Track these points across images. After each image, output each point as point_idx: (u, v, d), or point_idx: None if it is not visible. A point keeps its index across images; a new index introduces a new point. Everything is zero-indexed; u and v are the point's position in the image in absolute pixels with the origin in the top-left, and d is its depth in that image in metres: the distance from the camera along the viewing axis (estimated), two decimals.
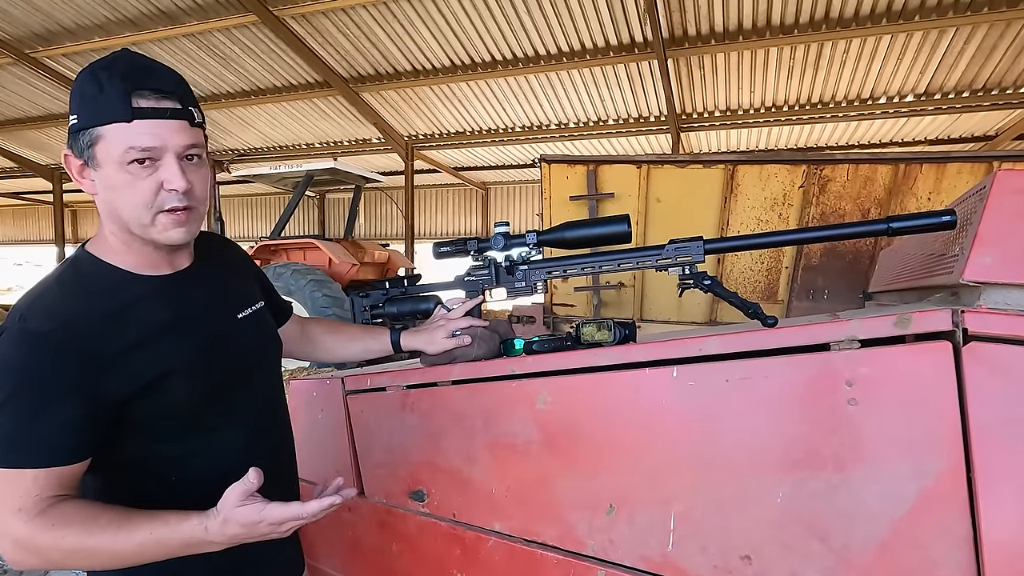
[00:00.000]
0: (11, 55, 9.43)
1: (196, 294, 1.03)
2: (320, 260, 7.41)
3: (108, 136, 0.87)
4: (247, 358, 1.09)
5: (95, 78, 0.87)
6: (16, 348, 0.84)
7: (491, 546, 1.26)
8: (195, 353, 0.98)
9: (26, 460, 0.84)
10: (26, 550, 0.85)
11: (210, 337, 1.02)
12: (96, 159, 0.88)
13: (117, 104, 0.86)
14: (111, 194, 0.90)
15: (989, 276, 0.89)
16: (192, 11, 8.29)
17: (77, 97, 0.89)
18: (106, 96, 0.86)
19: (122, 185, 0.88)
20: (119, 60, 0.90)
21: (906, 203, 4.94)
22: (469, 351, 1.31)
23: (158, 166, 0.89)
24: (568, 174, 5.71)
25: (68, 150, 0.91)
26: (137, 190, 0.88)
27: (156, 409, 0.93)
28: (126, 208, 0.90)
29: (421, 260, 12.15)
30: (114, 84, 0.86)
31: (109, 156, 0.87)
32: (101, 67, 0.88)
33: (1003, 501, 0.81)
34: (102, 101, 0.86)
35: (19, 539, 0.84)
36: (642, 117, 9.99)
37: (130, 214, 0.90)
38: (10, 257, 23.47)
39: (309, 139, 12.35)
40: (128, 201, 0.89)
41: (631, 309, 5.76)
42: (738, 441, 0.99)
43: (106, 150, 0.87)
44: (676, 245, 1.17)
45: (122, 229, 0.93)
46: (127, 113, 0.86)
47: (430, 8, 7.79)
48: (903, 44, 7.38)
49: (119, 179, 0.88)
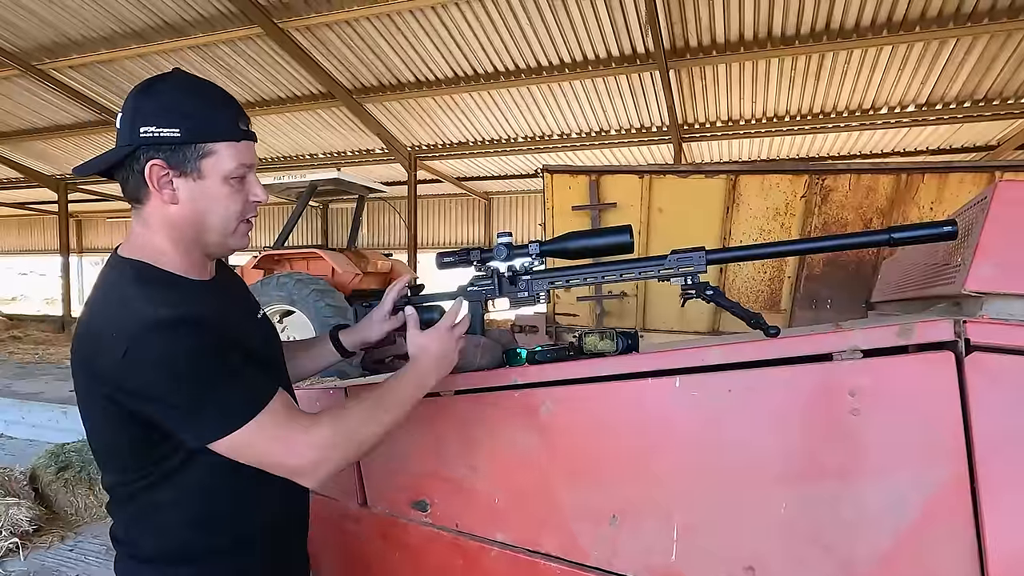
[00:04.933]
0: (18, 67, 9.52)
1: (231, 296, 1.12)
2: (323, 270, 7.41)
3: (221, 152, 0.96)
4: (273, 354, 1.17)
5: (201, 97, 0.97)
6: (178, 336, 0.88)
7: (494, 556, 1.25)
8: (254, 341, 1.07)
9: (266, 392, 0.93)
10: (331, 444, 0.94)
11: (255, 330, 1.12)
12: (201, 171, 0.95)
13: (230, 124, 0.97)
14: (205, 204, 0.98)
15: (991, 286, 0.89)
16: (197, 24, 8.37)
17: (182, 113, 0.94)
18: (219, 115, 0.97)
19: (223, 197, 0.98)
20: (206, 84, 0.99)
21: (908, 213, 4.95)
22: (472, 360, 1.31)
23: (245, 182, 1.01)
24: (570, 184, 5.73)
25: (157, 158, 0.93)
26: (233, 202, 1.00)
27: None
28: (218, 217, 0.99)
29: (424, 270, 12.14)
30: (222, 106, 0.98)
31: (216, 170, 0.96)
32: (201, 87, 0.98)
33: (1007, 511, 0.81)
34: (215, 119, 0.96)
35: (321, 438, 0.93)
36: (644, 128, 10.02)
37: (221, 223, 1.00)
38: (15, 267, 23.54)
39: (313, 150, 12.41)
40: (225, 211, 0.99)
41: (634, 319, 5.75)
42: (741, 451, 0.99)
43: (215, 164, 0.96)
44: (678, 255, 1.17)
45: (189, 237, 1.00)
46: (238, 134, 0.98)
47: (433, 20, 7.86)
48: (904, 55, 7.40)
49: (221, 191, 0.98)
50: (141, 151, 0.93)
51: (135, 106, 0.93)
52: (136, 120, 0.92)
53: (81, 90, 10.39)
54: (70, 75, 10.02)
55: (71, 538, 3.60)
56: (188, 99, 0.95)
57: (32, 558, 3.35)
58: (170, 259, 0.99)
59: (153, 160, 0.93)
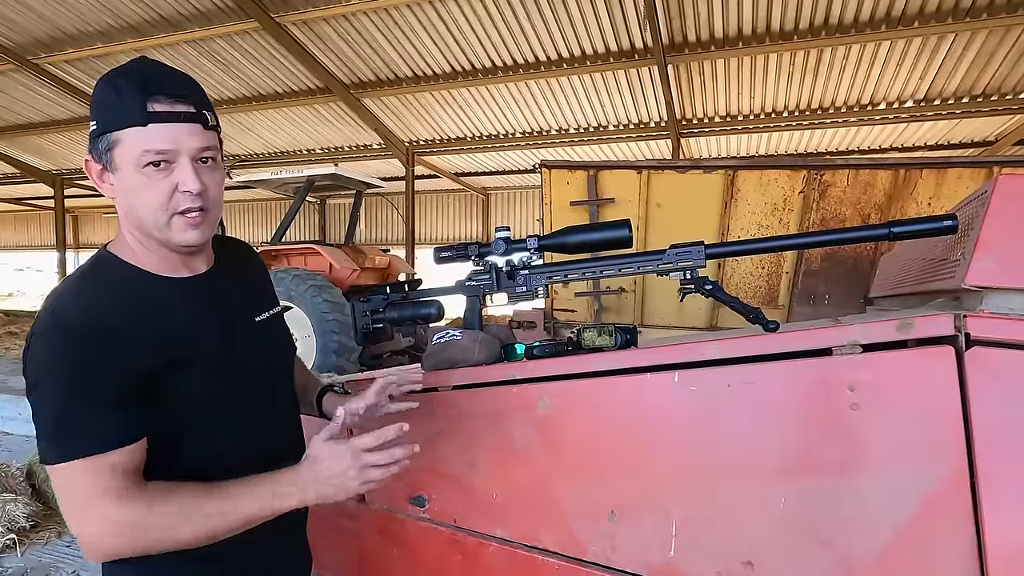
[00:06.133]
0: (14, 61, 9.45)
1: (215, 296, 1.04)
2: (321, 265, 7.39)
3: (125, 140, 0.89)
4: (266, 359, 1.11)
5: (113, 84, 0.90)
6: (57, 343, 0.86)
7: (492, 552, 1.25)
8: (214, 350, 0.99)
9: (101, 445, 0.85)
10: (126, 532, 0.85)
11: (229, 337, 1.03)
12: (114, 163, 0.91)
13: (133, 109, 0.88)
14: (129, 197, 0.92)
15: (991, 280, 0.89)
16: (194, 18, 8.32)
17: (96, 103, 0.91)
18: (123, 101, 0.89)
19: (139, 188, 0.91)
20: (135, 67, 0.92)
21: (906, 208, 4.94)
22: (470, 356, 1.30)
23: (173, 168, 0.91)
24: (569, 179, 5.71)
25: (88, 155, 0.92)
26: (153, 192, 0.91)
27: (177, 402, 0.94)
28: (143, 210, 0.92)
29: (422, 265, 12.11)
30: (131, 89, 0.89)
31: (126, 159, 0.90)
32: (119, 74, 0.91)
33: (1007, 505, 0.81)
34: (119, 106, 0.89)
35: (120, 522, 0.85)
36: (642, 123, 10.00)
37: (147, 216, 0.93)
38: (12, 262, 23.46)
39: (310, 145, 12.37)
40: (145, 203, 0.92)
41: (632, 314, 5.75)
42: (740, 446, 0.99)
43: (123, 154, 0.90)
44: (677, 250, 1.17)
45: (140, 231, 0.96)
46: (143, 117, 0.88)
47: (431, 14, 7.82)
48: (903, 50, 7.39)
49: (136, 181, 0.91)
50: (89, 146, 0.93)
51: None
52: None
53: (77, 85, 10.32)
54: (66, 70, 9.95)
55: (68, 534, 3.58)
56: (104, 88, 0.91)
57: (29, 554, 3.35)
58: (136, 253, 0.97)
59: (86, 156, 0.93)
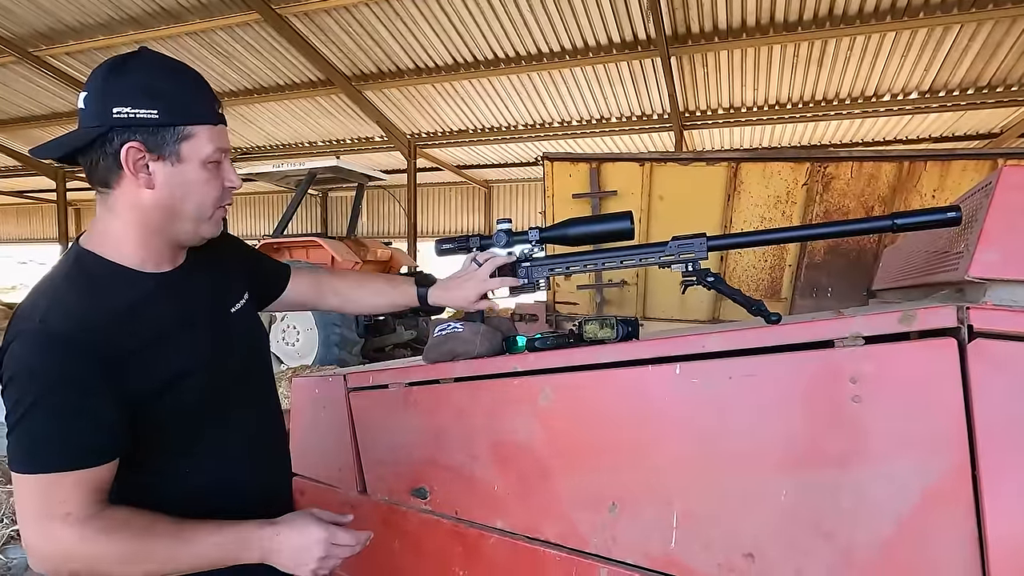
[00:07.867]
0: (15, 54, 9.46)
1: (195, 289, 1.03)
2: (323, 258, 7.39)
3: (199, 135, 0.91)
4: (244, 351, 1.09)
5: (177, 79, 0.92)
6: (38, 351, 0.84)
7: (493, 543, 1.26)
8: (205, 349, 0.98)
9: (65, 463, 0.83)
10: (73, 558, 0.84)
11: (215, 332, 1.02)
12: (181, 154, 0.91)
13: (206, 107, 0.93)
14: (182, 189, 0.93)
15: (994, 272, 0.88)
16: (195, 9, 8.30)
17: (157, 93, 0.88)
18: (199, 98, 0.93)
19: (202, 182, 0.94)
20: (183, 65, 0.95)
21: (910, 200, 4.92)
22: (472, 348, 1.30)
23: (220, 168, 0.97)
24: (571, 172, 5.69)
25: (136, 142, 0.88)
26: (211, 187, 0.96)
27: (170, 408, 0.93)
28: (194, 203, 0.95)
29: (424, 258, 12.12)
30: (200, 88, 0.93)
31: (195, 153, 0.92)
32: (176, 69, 0.93)
33: (1008, 498, 0.81)
34: (195, 102, 0.92)
35: (67, 546, 0.83)
36: (645, 115, 9.97)
37: (195, 209, 0.95)
38: (14, 255, 23.51)
39: (312, 137, 12.35)
40: (203, 197, 0.95)
41: (634, 307, 5.74)
42: (741, 438, 0.98)
43: (194, 147, 0.91)
44: (679, 242, 1.16)
45: (157, 224, 0.94)
46: (214, 117, 0.94)
47: (433, 6, 7.78)
48: (907, 41, 7.34)
49: (199, 176, 0.93)
50: (114, 133, 0.87)
51: (104, 86, 0.87)
52: (107, 100, 0.86)
53: (78, 77, 10.30)
54: (67, 62, 9.94)
55: None
56: (165, 79, 0.90)
57: None
58: (128, 250, 0.94)
59: (129, 142, 0.87)
